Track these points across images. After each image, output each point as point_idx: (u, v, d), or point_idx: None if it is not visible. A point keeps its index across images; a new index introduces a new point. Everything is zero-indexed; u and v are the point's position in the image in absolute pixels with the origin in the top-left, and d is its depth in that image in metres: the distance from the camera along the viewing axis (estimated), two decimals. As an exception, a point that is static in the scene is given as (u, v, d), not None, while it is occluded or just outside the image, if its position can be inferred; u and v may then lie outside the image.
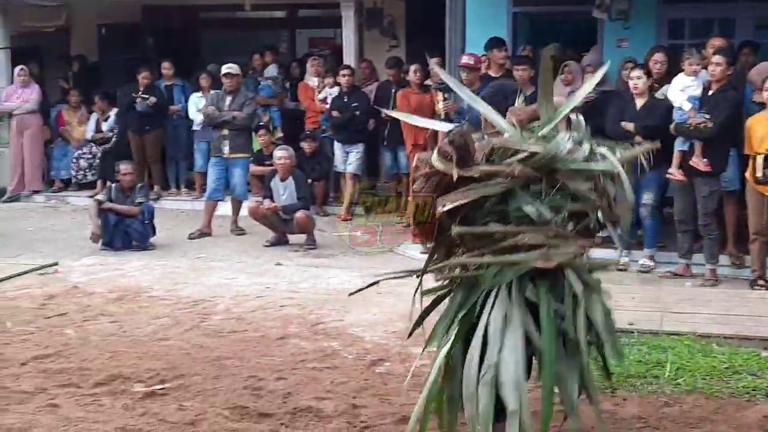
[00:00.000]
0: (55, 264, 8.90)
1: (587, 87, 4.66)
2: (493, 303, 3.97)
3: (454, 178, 3.92)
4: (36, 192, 13.36)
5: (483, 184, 3.97)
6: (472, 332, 3.98)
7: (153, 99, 12.25)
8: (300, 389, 5.39)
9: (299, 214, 9.83)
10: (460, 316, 4.07)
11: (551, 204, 4.03)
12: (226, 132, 10.56)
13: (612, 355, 4.16)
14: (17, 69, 13.23)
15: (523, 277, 3.98)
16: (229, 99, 10.64)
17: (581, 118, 4.37)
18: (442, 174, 3.99)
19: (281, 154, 10.18)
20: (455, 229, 3.99)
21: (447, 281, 4.27)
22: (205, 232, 10.57)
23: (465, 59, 9.33)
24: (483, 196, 3.98)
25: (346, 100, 11.54)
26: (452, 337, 4.02)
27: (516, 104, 4.71)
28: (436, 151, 4.03)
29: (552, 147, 4.03)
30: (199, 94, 12.30)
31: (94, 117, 13.32)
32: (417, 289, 4.22)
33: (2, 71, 13.57)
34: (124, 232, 9.90)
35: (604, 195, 4.12)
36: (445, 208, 3.96)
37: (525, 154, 4.01)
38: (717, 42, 8.78)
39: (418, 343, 4.58)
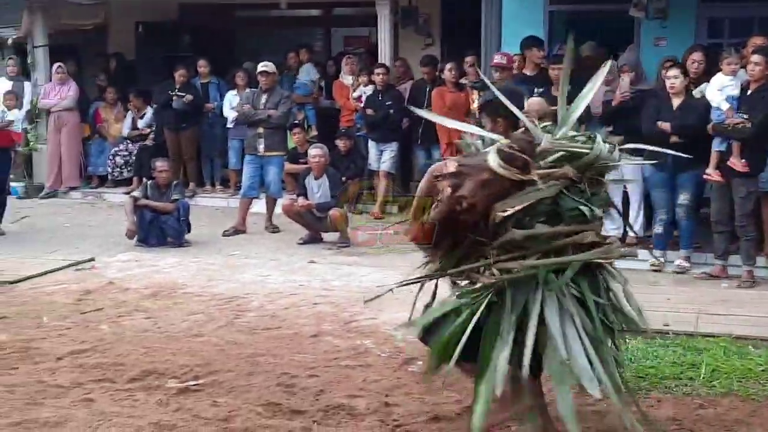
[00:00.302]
0: (91, 260, 8.99)
1: (592, 87, 4.64)
2: (542, 300, 3.99)
3: (533, 178, 4.02)
4: (73, 188, 13.49)
5: (538, 187, 4.02)
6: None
7: (189, 96, 12.33)
8: (333, 387, 5.40)
9: (333, 212, 9.85)
10: (513, 318, 4.02)
11: (598, 202, 4.20)
12: (261, 130, 10.60)
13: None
14: (55, 66, 13.37)
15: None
16: (264, 97, 10.67)
17: (571, 114, 4.44)
18: (503, 179, 3.99)
19: (316, 153, 10.21)
20: (517, 233, 4.00)
21: (478, 284, 4.19)
22: (239, 230, 10.63)
23: (497, 59, 9.31)
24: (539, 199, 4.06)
25: (380, 98, 11.54)
26: (510, 341, 3.98)
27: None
28: (497, 156, 4.00)
29: (598, 147, 4.21)
30: (234, 92, 12.37)
31: (130, 114, 13.44)
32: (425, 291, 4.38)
33: (41, 69, 13.72)
34: (159, 229, 9.98)
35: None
36: (507, 213, 3.99)
37: (561, 154, 4.14)
38: (757, 41, 8.68)
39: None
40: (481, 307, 4.06)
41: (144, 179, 11.39)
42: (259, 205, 10.95)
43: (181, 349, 6.15)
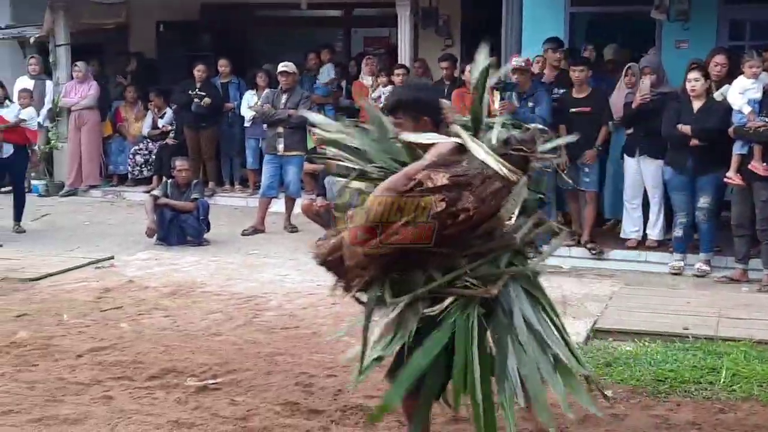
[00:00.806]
0: (111, 258, 9.03)
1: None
2: (512, 301, 3.88)
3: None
4: (93, 187, 13.56)
5: (521, 186, 3.83)
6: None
7: (208, 100, 12.33)
8: (350, 387, 5.41)
9: (351, 213, 9.83)
10: (508, 324, 3.86)
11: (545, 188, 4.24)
12: (281, 130, 10.62)
13: None
14: (74, 65, 13.45)
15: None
16: (284, 97, 10.71)
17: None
18: (509, 183, 3.77)
19: (334, 153, 10.20)
20: (518, 236, 3.87)
21: (449, 301, 3.82)
22: (258, 229, 10.65)
23: (515, 61, 9.28)
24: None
25: (399, 99, 11.50)
26: (512, 349, 3.83)
27: None
28: (501, 161, 3.71)
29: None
30: (253, 91, 12.39)
31: (150, 114, 13.50)
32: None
33: (63, 67, 13.79)
34: (179, 228, 10.01)
35: None
36: (513, 219, 3.84)
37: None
38: (780, 44, 8.64)
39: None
40: (474, 324, 3.76)
41: (164, 178, 11.44)
42: (278, 205, 10.97)
43: (200, 347, 6.16)
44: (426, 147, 3.82)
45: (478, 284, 3.77)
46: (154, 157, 13.29)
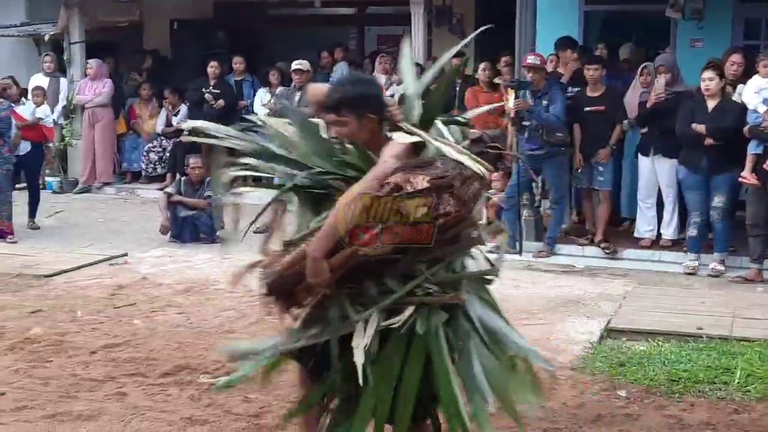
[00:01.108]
0: (125, 255, 9.04)
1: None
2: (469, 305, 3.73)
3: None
4: (106, 184, 13.58)
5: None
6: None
7: (221, 102, 12.33)
8: (364, 385, 5.39)
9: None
10: (471, 329, 3.71)
11: None
12: (294, 127, 10.62)
13: None
14: (86, 63, 13.49)
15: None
16: (298, 95, 10.71)
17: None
18: (485, 183, 3.66)
19: (347, 150, 10.20)
20: (483, 236, 3.79)
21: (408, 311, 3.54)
22: (271, 227, 10.64)
23: (530, 59, 9.26)
24: None
25: (413, 97, 11.49)
26: (476, 355, 3.67)
27: None
28: (478, 160, 3.54)
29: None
30: (266, 89, 12.40)
31: (164, 111, 13.52)
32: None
33: (77, 65, 13.80)
34: (192, 225, 10.02)
35: None
36: (483, 215, 3.81)
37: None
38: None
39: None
40: (441, 334, 3.55)
41: (177, 175, 11.46)
42: (291, 203, 10.96)
43: (213, 344, 6.15)
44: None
45: (440, 291, 3.57)
46: (167, 154, 13.29)
